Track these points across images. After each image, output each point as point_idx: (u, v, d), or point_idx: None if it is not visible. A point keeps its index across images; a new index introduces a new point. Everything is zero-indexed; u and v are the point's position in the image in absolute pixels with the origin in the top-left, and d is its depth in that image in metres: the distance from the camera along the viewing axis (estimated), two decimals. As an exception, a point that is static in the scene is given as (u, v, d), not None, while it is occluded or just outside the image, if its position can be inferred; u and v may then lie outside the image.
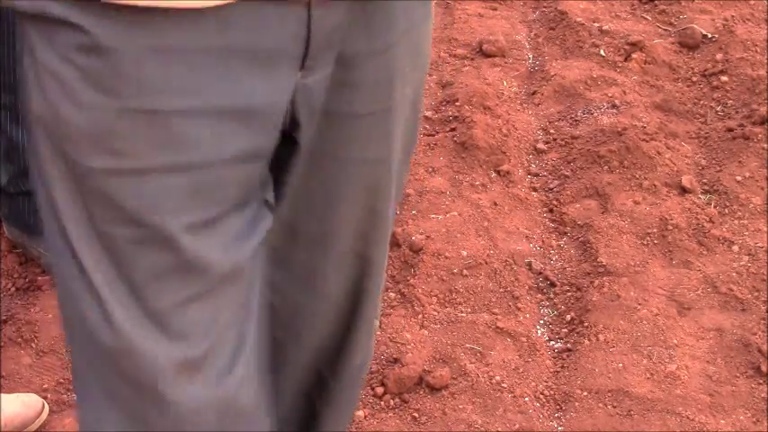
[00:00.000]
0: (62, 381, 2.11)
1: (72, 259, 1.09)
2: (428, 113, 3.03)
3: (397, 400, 2.09)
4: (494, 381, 2.12)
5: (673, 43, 3.36)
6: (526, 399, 2.09)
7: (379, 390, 2.11)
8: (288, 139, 1.15)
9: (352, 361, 1.44)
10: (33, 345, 2.19)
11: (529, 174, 2.82)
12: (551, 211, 2.69)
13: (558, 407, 2.09)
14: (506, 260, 2.45)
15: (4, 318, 2.24)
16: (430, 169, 2.77)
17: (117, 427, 1.16)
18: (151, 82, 0.99)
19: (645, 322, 2.26)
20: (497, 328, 2.24)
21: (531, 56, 3.38)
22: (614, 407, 2.07)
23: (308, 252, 1.29)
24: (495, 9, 3.62)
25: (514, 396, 2.09)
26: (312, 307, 1.36)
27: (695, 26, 3.38)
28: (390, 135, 1.23)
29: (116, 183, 1.02)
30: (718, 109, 3.04)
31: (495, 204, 2.65)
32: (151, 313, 1.07)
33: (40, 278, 2.35)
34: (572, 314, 2.33)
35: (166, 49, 0.98)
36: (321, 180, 1.22)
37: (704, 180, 2.76)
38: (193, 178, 1.03)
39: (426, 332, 2.24)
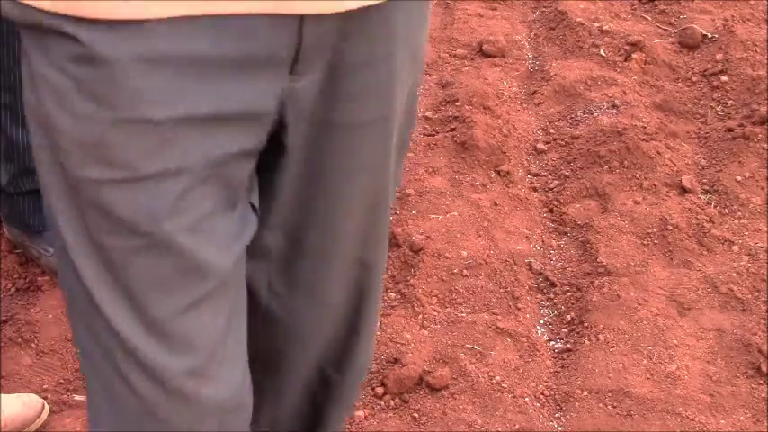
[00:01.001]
0: (62, 381, 2.11)
1: (72, 270, 1.10)
2: (428, 113, 3.03)
3: (397, 400, 2.09)
4: (494, 381, 2.12)
5: (673, 43, 3.36)
6: (526, 399, 2.09)
7: (380, 390, 2.11)
8: (275, 143, 1.15)
9: (357, 361, 1.46)
10: (33, 345, 2.19)
11: (529, 174, 2.82)
12: (551, 211, 2.69)
13: (558, 407, 2.10)
14: (506, 260, 2.45)
15: (4, 318, 2.24)
16: (430, 169, 2.77)
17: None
18: (143, 92, 0.99)
19: (645, 322, 2.26)
20: (497, 328, 2.24)
21: (531, 56, 3.38)
22: (614, 407, 2.07)
23: (311, 262, 1.30)
24: (495, 9, 3.62)
25: (514, 396, 2.09)
26: (316, 314, 1.37)
27: (695, 26, 3.38)
28: (389, 142, 1.23)
29: (110, 193, 1.03)
30: (719, 109, 3.04)
31: (496, 204, 2.65)
32: (152, 324, 1.08)
33: (40, 278, 2.35)
34: (572, 314, 2.33)
35: (158, 59, 0.99)
36: (323, 191, 1.23)
37: (704, 180, 2.76)
38: (185, 182, 1.04)
39: (426, 332, 2.24)
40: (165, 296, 1.07)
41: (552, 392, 2.12)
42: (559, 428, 2.04)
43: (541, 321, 2.33)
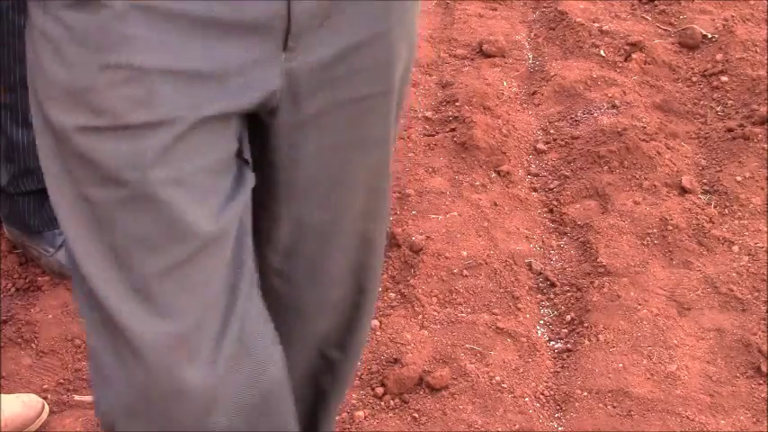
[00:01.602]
0: (62, 381, 2.11)
1: (65, 232, 1.12)
2: (428, 113, 3.03)
3: (397, 400, 2.09)
4: (494, 381, 2.12)
5: (673, 43, 3.36)
6: (526, 399, 2.09)
7: (379, 390, 2.11)
8: (270, 127, 1.18)
9: (359, 338, 1.48)
10: (33, 345, 2.19)
11: (529, 174, 2.82)
12: (551, 211, 2.69)
13: (558, 407, 2.09)
14: (506, 260, 2.45)
15: (4, 318, 2.24)
16: (430, 169, 2.77)
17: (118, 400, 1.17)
18: (134, 38, 1.02)
19: (645, 322, 2.26)
20: (497, 328, 2.24)
21: (530, 56, 3.38)
22: (614, 407, 2.07)
23: (315, 241, 1.31)
24: (495, 9, 3.62)
25: (514, 396, 2.09)
26: (320, 292, 1.38)
27: (695, 26, 3.38)
28: (389, 117, 1.26)
29: (95, 140, 1.05)
30: (718, 109, 3.04)
31: (496, 205, 2.65)
32: (135, 284, 1.08)
33: (40, 278, 2.35)
34: (572, 314, 2.33)
35: (151, 9, 1.02)
36: (327, 168, 1.24)
37: (704, 180, 2.76)
38: (171, 134, 1.06)
39: (426, 332, 2.24)
40: (148, 254, 1.07)
41: (552, 393, 2.12)
42: (559, 429, 2.04)
43: (541, 321, 2.33)
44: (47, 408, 2.00)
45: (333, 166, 1.25)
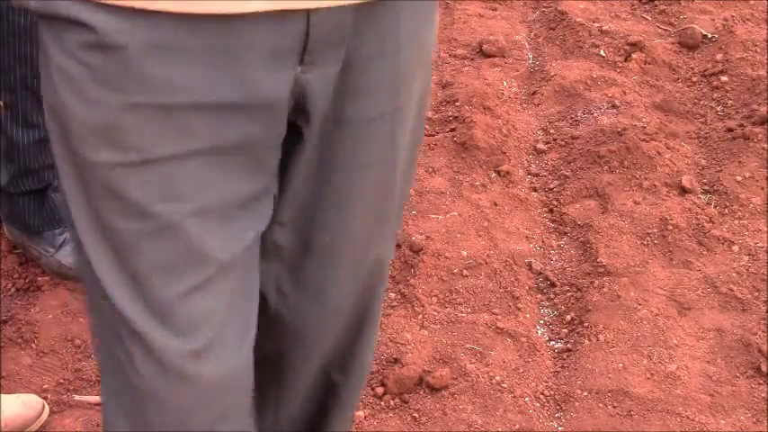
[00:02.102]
0: (62, 381, 2.11)
1: (83, 256, 1.13)
2: (428, 113, 3.03)
3: (397, 400, 2.09)
4: (494, 381, 2.12)
5: (673, 43, 3.36)
6: (526, 399, 2.09)
7: (380, 390, 2.11)
8: (293, 134, 1.17)
9: (361, 362, 1.47)
10: (33, 345, 2.19)
11: (529, 174, 2.82)
12: (551, 211, 2.69)
13: (558, 407, 2.09)
14: (506, 260, 2.45)
15: (4, 318, 2.24)
16: (430, 169, 2.77)
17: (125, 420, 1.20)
18: (154, 78, 1.02)
19: (645, 322, 2.26)
20: (497, 328, 2.24)
21: (530, 56, 3.38)
22: (614, 407, 2.07)
23: (320, 263, 1.31)
24: (495, 9, 3.62)
25: (514, 396, 2.09)
26: (322, 316, 1.37)
27: (695, 26, 3.38)
28: (396, 135, 1.24)
29: (121, 175, 1.06)
30: (718, 109, 3.04)
31: (495, 204, 2.65)
32: (155, 306, 1.11)
33: (40, 278, 2.35)
34: (572, 314, 2.33)
35: (169, 47, 1.01)
36: (332, 190, 1.24)
37: (704, 180, 2.76)
38: (195, 167, 1.07)
39: (426, 332, 2.24)
40: (169, 279, 1.10)
41: (552, 392, 2.12)
42: (559, 428, 2.04)
43: (541, 321, 2.33)
44: (47, 408, 2.00)
45: (335, 186, 1.24)
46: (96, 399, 2.07)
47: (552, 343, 2.27)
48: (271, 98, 1.09)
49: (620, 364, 2.16)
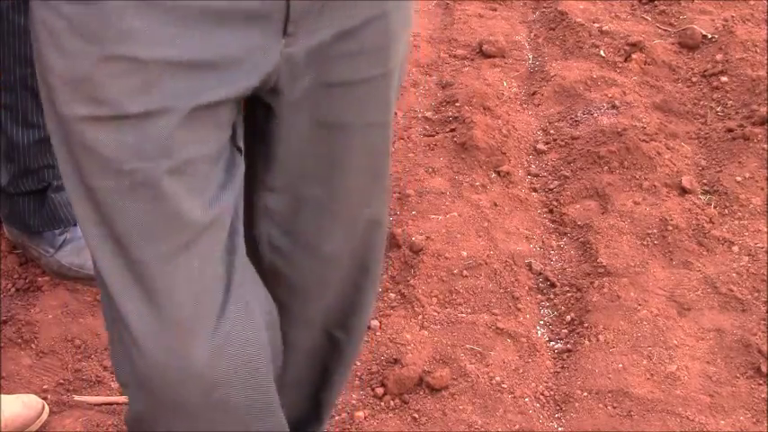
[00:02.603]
0: (62, 381, 2.11)
1: (76, 215, 1.17)
2: (428, 114, 3.03)
3: (397, 400, 2.09)
4: (494, 381, 2.12)
5: (673, 44, 3.36)
6: (526, 399, 2.09)
7: (379, 390, 2.11)
8: (274, 101, 1.20)
9: (362, 318, 1.49)
10: (33, 345, 2.19)
11: (529, 174, 2.82)
12: (551, 211, 2.69)
13: (558, 407, 2.09)
14: (506, 261, 2.45)
15: (4, 318, 2.24)
16: (430, 170, 2.77)
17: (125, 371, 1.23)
18: (132, 31, 1.05)
19: (645, 323, 2.26)
20: (497, 328, 2.24)
21: (530, 56, 3.38)
22: (614, 407, 2.07)
23: (314, 218, 1.33)
24: (495, 9, 3.62)
25: (514, 397, 2.09)
26: (320, 270, 1.39)
27: (695, 27, 3.38)
28: (388, 98, 1.28)
29: (96, 131, 1.09)
30: (718, 109, 3.04)
31: (495, 205, 2.65)
32: (136, 271, 1.13)
33: (39, 278, 2.35)
34: (572, 315, 2.33)
35: (148, 2, 1.04)
36: (325, 147, 1.26)
37: (704, 180, 2.76)
38: (170, 123, 1.09)
39: (426, 333, 2.24)
40: (147, 243, 1.12)
41: (552, 393, 2.12)
42: (559, 429, 2.04)
43: (541, 322, 2.33)
44: (47, 408, 2.00)
45: (330, 146, 1.27)
46: (96, 399, 2.07)
47: (552, 343, 2.27)
48: (246, 61, 1.11)
49: (620, 365, 2.16)
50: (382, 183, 1.37)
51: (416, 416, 2.06)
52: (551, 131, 2.99)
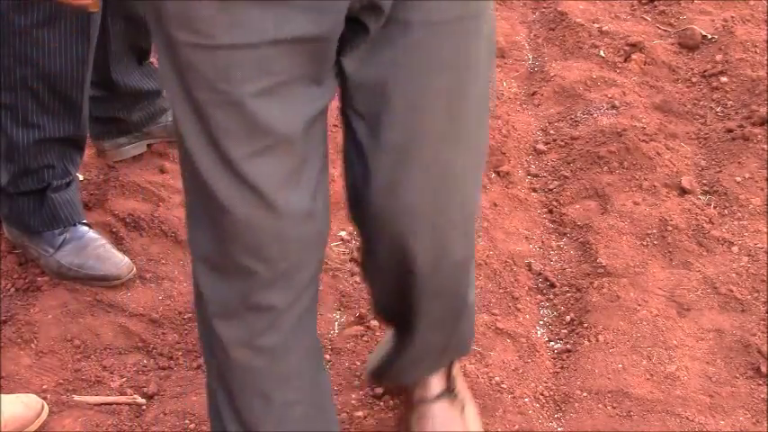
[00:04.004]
0: (62, 381, 2.11)
1: (176, 121, 1.38)
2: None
3: (396, 400, 2.09)
4: (493, 381, 2.12)
5: (672, 44, 3.37)
6: (526, 399, 2.09)
7: (379, 390, 2.11)
8: (356, 35, 1.36)
9: (449, 257, 1.58)
10: (33, 345, 2.19)
11: (528, 174, 2.82)
12: (551, 211, 2.69)
13: (557, 408, 2.10)
14: (506, 261, 2.45)
15: (4, 318, 2.24)
16: (430, 170, 2.77)
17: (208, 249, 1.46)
18: None
19: (644, 323, 2.26)
20: (497, 328, 2.24)
21: (530, 56, 3.38)
22: (614, 408, 2.07)
23: (390, 161, 1.45)
24: (495, 10, 3.60)
25: (514, 397, 2.09)
26: (397, 212, 1.50)
27: (695, 27, 3.38)
28: (470, 44, 1.39)
29: (194, 53, 1.29)
30: (718, 110, 3.04)
31: (495, 205, 2.65)
32: (227, 162, 1.35)
33: (39, 278, 2.35)
34: (572, 315, 2.33)
35: None
36: (403, 87, 1.39)
37: (704, 181, 2.76)
38: (256, 55, 1.28)
39: (426, 333, 2.24)
40: (235, 142, 1.34)
41: (552, 393, 2.12)
42: (559, 429, 2.04)
43: (541, 322, 2.33)
44: (46, 408, 2.00)
45: (410, 85, 1.38)
46: (96, 399, 2.07)
47: (552, 343, 2.27)
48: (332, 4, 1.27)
49: (620, 365, 2.16)
50: (464, 131, 1.45)
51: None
52: (551, 132, 2.99)
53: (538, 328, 2.30)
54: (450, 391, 1.91)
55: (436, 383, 1.91)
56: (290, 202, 1.40)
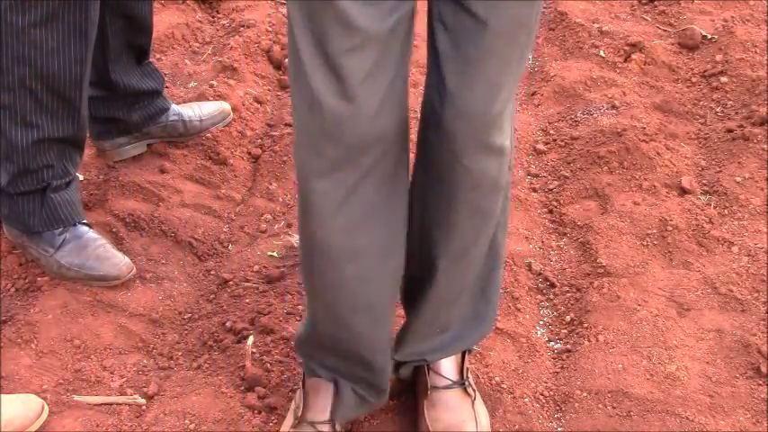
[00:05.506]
0: (62, 381, 2.11)
1: (290, 21, 1.59)
2: (428, 114, 3.03)
3: (397, 401, 2.09)
4: (493, 381, 2.12)
5: (672, 44, 3.37)
6: (526, 399, 2.09)
7: (379, 390, 2.11)
8: None
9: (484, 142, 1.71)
10: (33, 345, 2.19)
11: (528, 174, 2.82)
12: (551, 211, 2.69)
13: (557, 408, 2.10)
14: (506, 261, 2.45)
15: (4, 318, 2.24)
16: (430, 170, 2.77)
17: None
18: None
19: (644, 323, 2.26)
20: (497, 328, 2.24)
21: (530, 56, 3.38)
22: (614, 408, 2.07)
23: (479, 42, 1.61)
24: (495, 10, 3.62)
25: (514, 397, 2.09)
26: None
27: (695, 27, 3.38)
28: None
29: None
30: (718, 110, 3.04)
31: (495, 205, 2.65)
32: (326, 55, 1.55)
33: (39, 279, 2.35)
34: (572, 315, 2.33)
35: None
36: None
37: (704, 181, 2.76)
38: None
39: (426, 333, 2.24)
40: (332, 37, 1.53)
41: (552, 393, 2.12)
42: (559, 429, 2.04)
43: (541, 322, 2.33)
44: (46, 408, 2.00)
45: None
46: (96, 399, 2.07)
47: (552, 343, 2.27)
48: None
49: (620, 365, 2.16)
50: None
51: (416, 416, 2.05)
52: (551, 132, 2.99)
53: (538, 328, 2.30)
54: (461, 383, 1.97)
55: (449, 372, 1.97)
56: (367, 97, 1.59)
